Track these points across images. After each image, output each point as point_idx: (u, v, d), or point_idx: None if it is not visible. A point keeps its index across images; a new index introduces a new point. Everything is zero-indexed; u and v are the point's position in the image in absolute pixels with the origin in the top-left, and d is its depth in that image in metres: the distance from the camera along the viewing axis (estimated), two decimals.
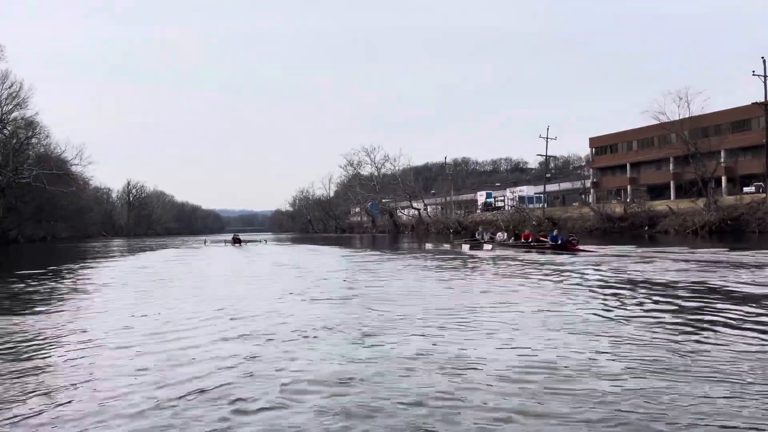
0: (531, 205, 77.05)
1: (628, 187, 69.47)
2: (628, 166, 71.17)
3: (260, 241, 51.94)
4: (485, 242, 29.34)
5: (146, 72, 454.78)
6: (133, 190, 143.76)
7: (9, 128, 57.63)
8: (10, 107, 56.02)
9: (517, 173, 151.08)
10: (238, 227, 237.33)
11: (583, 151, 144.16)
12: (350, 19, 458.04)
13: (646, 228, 48.02)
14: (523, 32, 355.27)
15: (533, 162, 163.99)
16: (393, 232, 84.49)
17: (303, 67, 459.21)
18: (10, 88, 55.54)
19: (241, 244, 45.26)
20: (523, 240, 27.43)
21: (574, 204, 74.08)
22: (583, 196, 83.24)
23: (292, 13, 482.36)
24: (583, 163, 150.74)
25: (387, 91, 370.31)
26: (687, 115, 47.30)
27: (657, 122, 50.18)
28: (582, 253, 22.68)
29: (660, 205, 49.71)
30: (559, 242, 24.05)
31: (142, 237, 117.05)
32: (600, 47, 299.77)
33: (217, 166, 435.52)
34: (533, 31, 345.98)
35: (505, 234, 30.49)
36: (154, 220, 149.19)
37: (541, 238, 26.38)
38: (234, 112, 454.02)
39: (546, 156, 60.85)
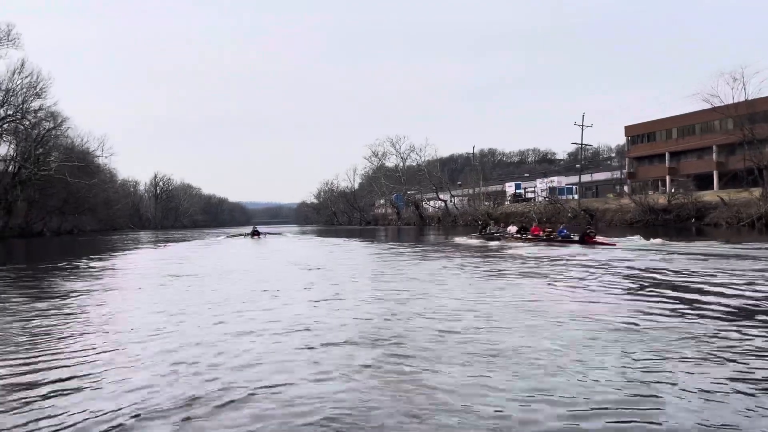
0: (562, 197, 73.30)
1: (667, 178, 65.18)
2: (666, 155, 66.79)
3: (280, 234, 50.60)
4: (497, 236, 28.58)
5: (173, 67, 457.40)
6: (160, 183, 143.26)
7: (30, 118, 55.54)
8: (28, 97, 53.88)
9: (545, 164, 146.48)
10: (263, 219, 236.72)
11: (614, 141, 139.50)
12: (373, 12, 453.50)
13: (693, 220, 44.15)
14: (548, 24, 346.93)
15: (561, 153, 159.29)
16: (419, 225, 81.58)
17: (327, 59, 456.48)
18: (27, 77, 53.49)
19: (260, 236, 43.37)
20: (533, 234, 26.55)
21: (608, 195, 70.08)
22: (617, 187, 79.05)
23: (313, 5, 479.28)
24: (613, 154, 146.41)
25: (411, 84, 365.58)
26: (743, 98, 42.86)
27: (707, 107, 45.78)
28: (603, 246, 20.93)
29: (708, 196, 45.72)
30: (570, 235, 23.31)
31: (169, 229, 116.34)
32: (630, 36, 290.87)
33: (243, 160, 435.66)
34: (557, 23, 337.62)
35: (515, 228, 29.34)
36: (180, 213, 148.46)
37: (541, 234, 25.77)
38: (259, 104, 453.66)
39: (581, 144, 56.99)
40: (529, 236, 26.34)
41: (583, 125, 56.11)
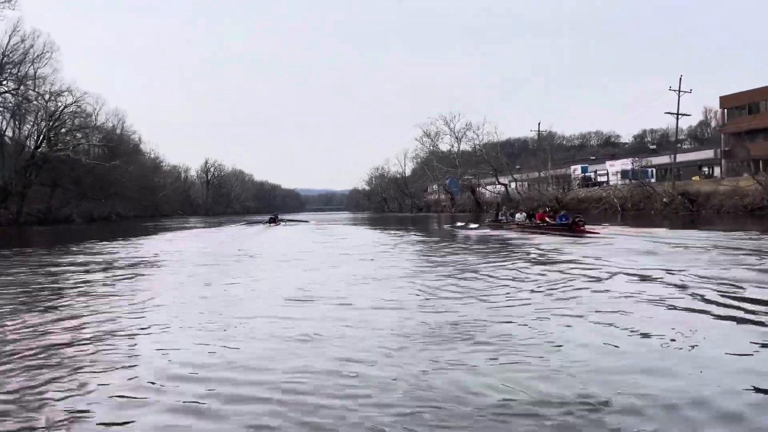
0: (636, 181, 61.72)
1: None
2: None
3: (304, 221, 44.55)
4: (507, 223, 27.58)
5: (226, 55, 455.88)
6: (211, 169, 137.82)
7: (30, 88, 47.34)
8: (25, 62, 45.77)
9: (608, 147, 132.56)
10: (316, 206, 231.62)
11: (686, 123, 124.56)
12: None
13: None
14: (608, 5, 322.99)
15: (626, 135, 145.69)
16: (475, 211, 71.43)
17: (378, 44, 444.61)
18: (23, 41, 45.05)
19: (277, 223, 38.18)
20: (538, 221, 25.06)
21: (694, 178, 57.98)
22: (704, 169, 66.38)
23: None
24: (684, 136, 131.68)
25: (465, 67, 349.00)
26: None
27: None
28: (590, 236, 19.98)
29: None
30: (565, 222, 22.29)
31: (220, 215, 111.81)
32: (699, 18, 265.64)
33: (298, 146, 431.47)
34: (619, 3, 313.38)
35: (524, 215, 27.96)
36: (232, 199, 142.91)
37: (548, 219, 24.49)
38: (313, 91, 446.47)
39: (677, 114, 44.96)
40: (535, 222, 25.13)
41: (679, 90, 44.10)
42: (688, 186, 43.82)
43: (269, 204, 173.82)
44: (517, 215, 28.33)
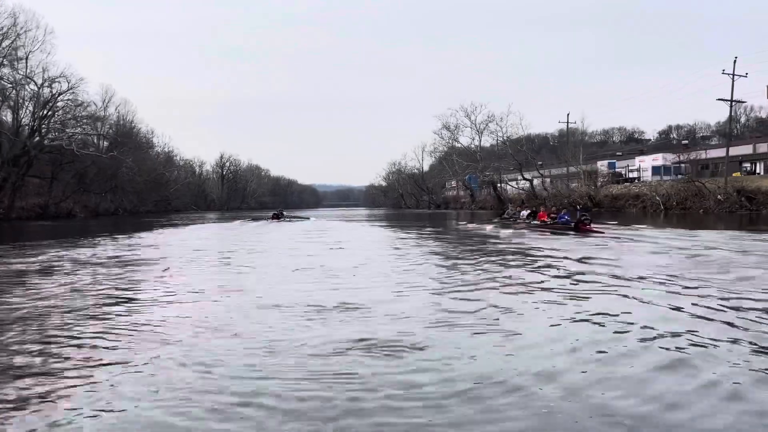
0: (667, 178, 56.15)
1: None
2: None
3: (307, 218, 41.50)
4: (510, 221, 26.89)
5: (240, 48, 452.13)
6: (227, 164, 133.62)
7: (18, 70, 42.85)
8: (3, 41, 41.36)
9: (632, 144, 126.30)
10: (333, 202, 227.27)
11: (713, 118, 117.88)
12: None
13: None
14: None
15: (650, 131, 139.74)
16: (496, 208, 66.20)
17: (395, 37, 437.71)
18: (6, 18, 40.55)
19: (281, 219, 35.34)
20: (540, 220, 23.98)
21: (734, 174, 52.35)
22: (746, 165, 60.56)
23: None
24: (708, 133, 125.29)
25: (483, 61, 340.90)
26: None
27: None
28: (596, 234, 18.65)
29: None
30: (570, 222, 21.00)
31: (235, 210, 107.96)
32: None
33: (315, 142, 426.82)
34: None
35: (527, 212, 27.35)
36: (247, 194, 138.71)
37: (547, 219, 23.31)
38: (331, 86, 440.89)
39: (731, 101, 39.12)
40: (538, 221, 24.31)
41: (733, 74, 38.32)
42: (746, 182, 38.14)
43: (285, 200, 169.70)
44: (522, 212, 28.02)
